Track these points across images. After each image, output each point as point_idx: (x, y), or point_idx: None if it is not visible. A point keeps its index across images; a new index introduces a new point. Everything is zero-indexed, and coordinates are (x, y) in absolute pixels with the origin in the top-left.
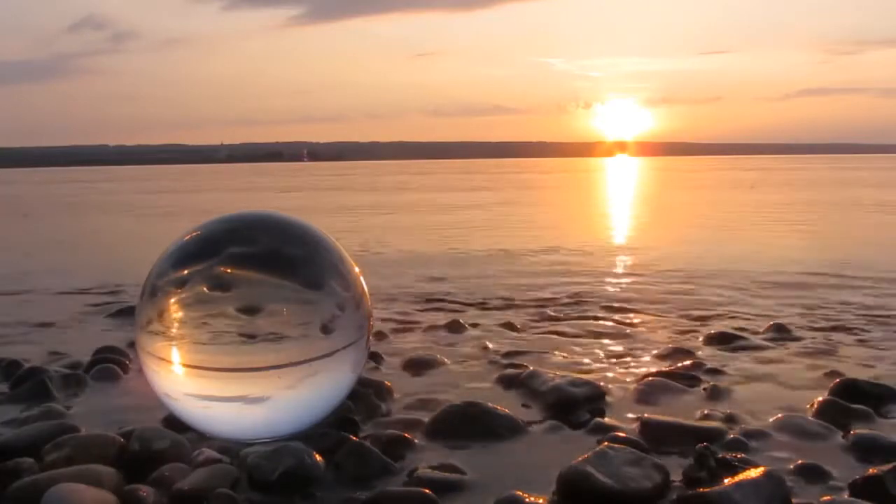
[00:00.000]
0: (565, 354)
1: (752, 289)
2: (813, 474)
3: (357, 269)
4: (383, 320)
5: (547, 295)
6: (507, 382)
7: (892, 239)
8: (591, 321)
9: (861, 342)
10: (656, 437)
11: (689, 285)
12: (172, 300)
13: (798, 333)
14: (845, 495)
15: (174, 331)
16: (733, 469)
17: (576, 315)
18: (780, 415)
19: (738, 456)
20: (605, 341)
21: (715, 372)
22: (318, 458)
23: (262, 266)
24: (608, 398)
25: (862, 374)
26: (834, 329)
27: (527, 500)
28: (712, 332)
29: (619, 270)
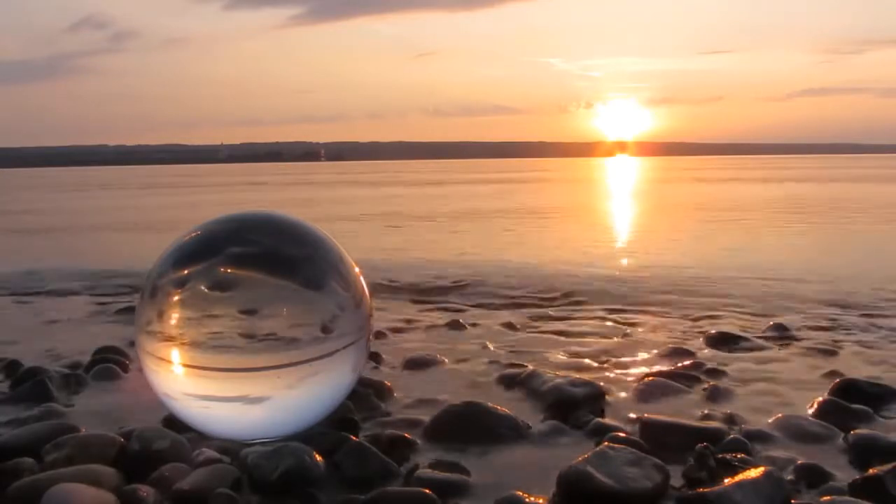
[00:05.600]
0: (565, 354)
1: (754, 289)
2: (813, 474)
3: (357, 269)
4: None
5: (547, 295)
6: (508, 382)
7: None
8: (592, 321)
9: (861, 342)
10: (656, 437)
11: (690, 286)
12: (172, 300)
13: (798, 333)
14: (845, 495)
15: (174, 331)
16: (733, 469)
17: (576, 315)
18: (780, 415)
19: (738, 456)
20: (606, 341)
21: (715, 372)
22: (318, 458)
23: (262, 266)
24: (608, 398)
25: (862, 374)
26: (834, 329)
27: (527, 500)
28: (713, 332)
29: (621, 270)
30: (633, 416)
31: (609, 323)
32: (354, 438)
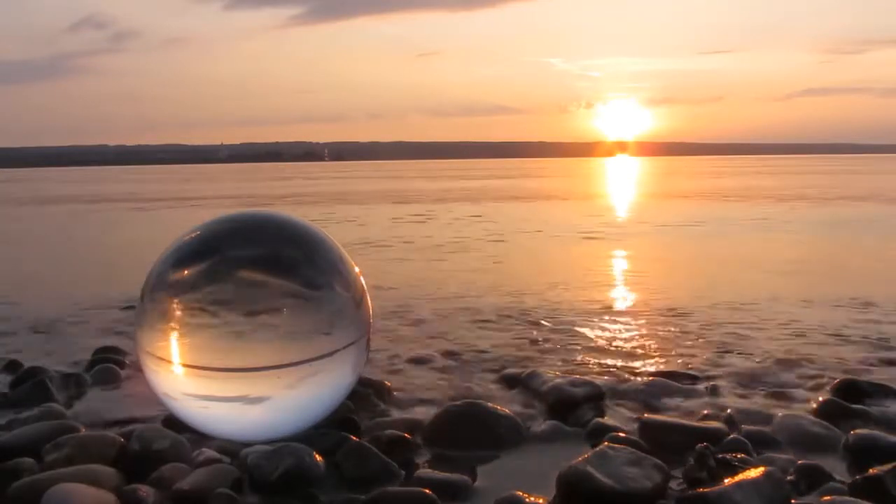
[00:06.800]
0: (565, 355)
1: (755, 289)
2: (813, 474)
3: (357, 269)
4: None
5: (548, 295)
6: (508, 382)
7: None
8: (592, 321)
9: (861, 343)
10: (656, 437)
11: (691, 286)
12: (172, 300)
13: (798, 334)
14: (845, 495)
15: (174, 331)
16: (733, 469)
17: (576, 315)
18: (780, 415)
19: (738, 456)
20: (606, 342)
21: (715, 372)
22: (318, 458)
23: (262, 266)
24: (608, 398)
25: (862, 375)
26: (834, 330)
27: (527, 500)
28: (713, 333)
29: (622, 271)
30: (633, 416)
31: (609, 324)
32: (354, 438)
